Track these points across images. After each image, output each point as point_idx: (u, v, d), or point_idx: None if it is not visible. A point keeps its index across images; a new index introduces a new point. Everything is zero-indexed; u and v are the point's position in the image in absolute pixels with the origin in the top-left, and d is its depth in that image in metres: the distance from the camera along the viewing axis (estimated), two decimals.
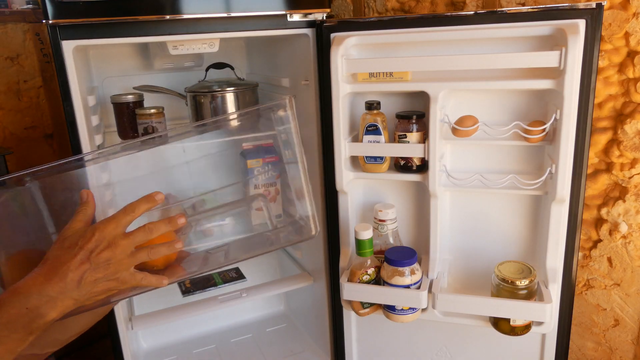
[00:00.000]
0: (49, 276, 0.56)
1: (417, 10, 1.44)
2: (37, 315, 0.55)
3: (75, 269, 0.57)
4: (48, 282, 0.56)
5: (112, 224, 0.61)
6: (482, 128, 1.09)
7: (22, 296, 0.55)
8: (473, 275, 1.25)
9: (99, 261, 0.59)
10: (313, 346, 1.63)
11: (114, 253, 0.60)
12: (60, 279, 0.56)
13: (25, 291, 0.55)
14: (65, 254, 0.58)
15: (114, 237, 0.61)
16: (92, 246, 0.59)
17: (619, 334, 1.32)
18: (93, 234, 0.60)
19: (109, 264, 0.60)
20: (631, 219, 1.22)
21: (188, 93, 1.41)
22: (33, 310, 0.55)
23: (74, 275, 0.57)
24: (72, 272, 0.57)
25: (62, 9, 1.02)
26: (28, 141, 1.73)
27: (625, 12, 1.12)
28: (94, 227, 0.61)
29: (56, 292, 0.56)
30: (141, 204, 0.64)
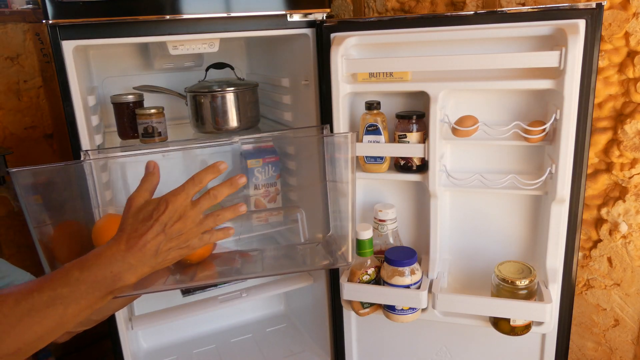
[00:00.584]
0: (129, 245, 0.62)
1: (417, 10, 1.44)
2: (119, 280, 0.61)
3: (152, 240, 0.63)
4: (129, 251, 0.62)
5: (182, 195, 0.66)
6: (482, 128, 1.09)
7: (108, 261, 0.61)
8: (473, 275, 1.25)
9: (172, 232, 0.64)
10: (313, 346, 1.63)
11: (185, 224, 0.65)
12: (139, 250, 0.62)
13: (110, 257, 0.61)
14: (142, 226, 0.63)
15: (184, 209, 0.65)
16: (166, 219, 0.64)
17: (619, 334, 1.32)
18: (166, 206, 0.65)
19: (181, 233, 0.65)
20: (631, 219, 1.22)
21: (188, 93, 1.41)
22: (116, 275, 0.61)
23: (151, 246, 0.63)
24: (150, 244, 0.63)
25: (62, 9, 1.02)
26: (28, 141, 1.73)
27: (625, 12, 1.12)
28: (166, 200, 0.65)
29: (136, 261, 0.62)
30: (207, 174, 0.68)
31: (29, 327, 0.56)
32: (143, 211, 0.65)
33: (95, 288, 0.61)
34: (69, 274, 0.60)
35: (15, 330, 0.55)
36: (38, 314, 0.57)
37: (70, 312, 0.59)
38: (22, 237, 1.78)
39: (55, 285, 0.58)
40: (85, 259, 0.62)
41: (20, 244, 1.78)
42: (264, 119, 1.58)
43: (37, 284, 0.59)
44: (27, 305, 0.56)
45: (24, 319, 0.56)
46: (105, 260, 0.61)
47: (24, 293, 0.57)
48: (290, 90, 1.44)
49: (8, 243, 1.76)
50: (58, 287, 0.58)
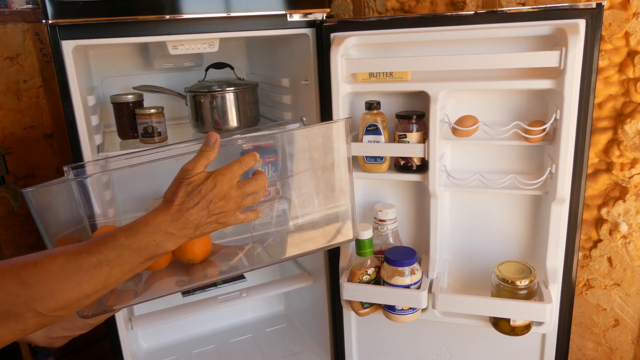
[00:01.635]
0: (175, 217, 0.67)
1: (417, 10, 1.44)
2: (160, 247, 0.67)
3: (196, 214, 0.68)
4: (173, 222, 0.67)
5: (228, 176, 0.72)
6: (482, 128, 1.09)
7: (152, 229, 0.66)
8: (473, 275, 1.25)
9: (215, 209, 0.70)
10: (313, 346, 1.63)
11: (227, 202, 0.71)
12: (184, 222, 0.68)
13: (155, 225, 0.66)
14: (189, 200, 0.69)
15: (229, 189, 0.71)
16: (212, 196, 0.70)
17: (619, 334, 1.32)
18: (214, 185, 0.70)
19: (222, 211, 0.71)
20: (631, 219, 1.22)
21: (188, 93, 1.41)
22: (158, 242, 0.66)
23: (194, 220, 0.68)
24: (193, 217, 0.68)
25: (62, 9, 1.02)
26: (28, 141, 1.73)
27: (625, 12, 1.12)
28: (215, 179, 0.71)
29: (177, 230, 0.67)
30: (251, 159, 0.77)
31: (78, 285, 0.61)
32: (192, 185, 0.70)
33: (138, 254, 0.65)
34: (115, 239, 0.64)
35: (65, 286, 0.60)
36: (86, 273, 0.61)
37: (114, 274, 0.63)
38: (22, 237, 1.78)
39: (103, 249, 0.63)
40: (133, 226, 0.66)
41: (20, 244, 1.78)
42: (263, 119, 1.58)
43: (86, 246, 0.63)
44: (77, 265, 0.61)
45: (73, 277, 0.60)
46: (150, 229, 0.66)
47: (74, 253, 0.62)
48: (290, 90, 1.44)
49: (8, 243, 1.76)
50: (105, 251, 0.63)
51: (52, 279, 0.59)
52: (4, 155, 1.53)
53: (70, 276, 0.60)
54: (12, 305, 0.58)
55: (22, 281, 0.58)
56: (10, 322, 0.58)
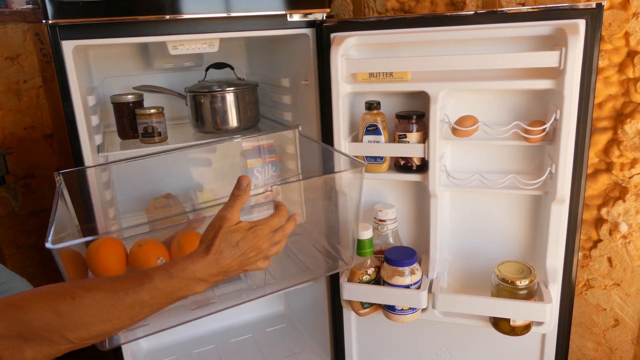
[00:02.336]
0: (211, 265, 0.71)
1: (417, 10, 1.44)
2: (190, 291, 0.70)
3: (229, 263, 0.73)
4: (209, 269, 0.71)
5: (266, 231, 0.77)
6: (482, 128, 1.09)
7: (188, 275, 0.70)
8: (473, 275, 1.25)
9: (246, 260, 0.75)
10: (313, 346, 1.63)
11: (258, 254, 0.76)
12: (217, 270, 0.72)
13: (191, 271, 0.70)
14: (228, 251, 0.73)
15: (263, 242, 0.76)
16: (247, 249, 0.75)
17: (619, 334, 1.32)
18: (253, 239, 0.75)
19: (250, 261, 0.76)
20: (631, 219, 1.22)
21: (188, 93, 1.41)
22: (189, 287, 0.70)
23: (227, 268, 0.73)
24: (227, 266, 0.73)
25: (62, 9, 1.02)
26: (28, 141, 1.73)
27: (625, 12, 1.12)
28: (255, 233, 0.76)
29: (209, 277, 0.71)
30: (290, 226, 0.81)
31: (110, 321, 0.65)
32: (233, 235, 0.74)
33: (169, 297, 0.69)
34: (152, 281, 0.68)
35: (98, 320, 0.64)
36: (120, 312, 0.65)
37: (144, 312, 0.67)
38: (22, 237, 1.78)
39: (139, 290, 0.67)
40: (169, 269, 0.70)
41: (20, 244, 1.78)
42: (263, 119, 1.58)
43: (123, 284, 0.67)
44: (112, 303, 0.65)
45: (107, 314, 0.64)
46: (186, 274, 0.70)
47: (111, 291, 0.66)
48: (290, 90, 1.44)
49: (8, 243, 1.76)
50: (140, 292, 0.67)
51: (88, 314, 0.63)
52: (4, 155, 1.53)
53: (105, 313, 0.64)
54: (46, 332, 0.61)
55: (59, 312, 0.62)
56: (44, 346, 0.61)
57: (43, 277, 1.84)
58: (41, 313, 0.61)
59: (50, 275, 1.84)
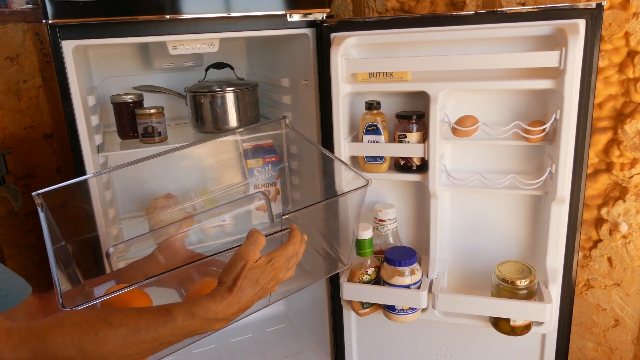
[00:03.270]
0: (232, 304, 0.71)
1: (417, 10, 1.44)
2: (209, 328, 0.71)
3: (249, 298, 0.73)
4: (230, 309, 0.71)
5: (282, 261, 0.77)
6: (482, 128, 1.09)
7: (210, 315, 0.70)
8: (473, 275, 1.25)
9: (265, 293, 0.76)
10: (313, 346, 1.63)
11: (275, 284, 0.77)
12: (238, 308, 0.72)
13: (214, 312, 0.70)
14: (248, 288, 0.73)
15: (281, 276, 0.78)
16: (267, 284, 0.75)
17: (619, 334, 1.32)
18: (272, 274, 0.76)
19: (267, 292, 0.77)
20: (631, 219, 1.22)
21: (188, 93, 1.41)
22: (210, 326, 0.71)
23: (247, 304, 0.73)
24: (247, 302, 0.73)
25: (62, 9, 1.02)
26: (28, 141, 1.73)
27: (625, 12, 1.12)
28: (273, 266, 0.76)
29: (230, 316, 0.72)
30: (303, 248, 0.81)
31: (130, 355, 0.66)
32: (253, 272, 0.74)
33: (189, 334, 0.70)
34: (174, 320, 0.68)
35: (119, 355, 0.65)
36: (139, 347, 0.66)
37: (162, 347, 0.69)
38: (22, 237, 1.78)
39: (160, 328, 0.67)
40: (192, 309, 0.70)
41: (20, 244, 1.78)
42: (263, 119, 1.58)
43: (145, 322, 0.67)
44: (134, 340, 0.66)
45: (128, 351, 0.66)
46: (209, 315, 0.70)
47: (134, 329, 0.67)
48: (290, 90, 1.44)
49: (8, 243, 1.76)
50: (161, 330, 0.67)
51: (109, 351, 0.65)
52: (4, 155, 1.53)
53: (125, 349, 0.66)
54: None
55: (81, 348, 0.64)
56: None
57: (43, 277, 1.84)
58: (64, 348, 0.63)
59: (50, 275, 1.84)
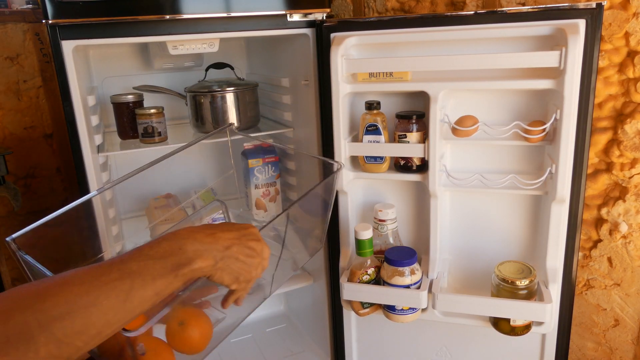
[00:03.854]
0: (205, 234, 0.65)
1: (417, 10, 1.44)
2: (186, 259, 0.61)
3: (226, 239, 0.67)
4: (203, 237, 0.64)
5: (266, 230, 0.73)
6: (482, 128, 1.09)
7: (179, 237, 0.62)
8: (473, 275, 1.25)
9: (246, 245, 0.69)
10: (313, 346, 1.63)
11: (260, 247, 0.70)
12: (213, 239, 0.65)
13: (183, 235, 0.63)
14: (225, 228, 0.68)
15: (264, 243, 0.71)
16: (247, 232, 0.70)
17: (619, 334, 1.32)
18: (251, 226, 0.72)
19: (252, 254, 0.69)
20: (631, 219, 1.22)
21: (188, 93, 1.41)
22: (184, 252, 0.61)
23: (223, 242, 0.66)
24: (223, 240, 0.66)
25: (62, 9, 1.02)
26: (28, 141, 1.73)
27: (625, 12, 1.12)
28: (254, 228, 0.72)
29: (205, 246, 0.63)
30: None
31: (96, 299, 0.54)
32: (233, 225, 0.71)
33: (162, 264, 0.59)
34: (139, 251, 0.60)
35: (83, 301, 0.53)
36: (107, 286, 0.55)
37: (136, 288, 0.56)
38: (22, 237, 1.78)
39: (126, 261, 0.58)
40: (157, 238, 0.63)
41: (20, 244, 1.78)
42: (263, 119, 1.58)
43: (109, 262, 0.58)
44: (97, 278, 0.55)
45: (92, 292, 0.54)
46: (177, 236, 0.63)
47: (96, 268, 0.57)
48: (290, 90, 1.44)
49: None
50: (127, 262, 0.58)
51: (71, 292, 0.53)
52: (4, 155, 1.53)
53: (89, 290, 0.54)
54: (25, 325, 0.50)
55: (38, 294, 0.52)
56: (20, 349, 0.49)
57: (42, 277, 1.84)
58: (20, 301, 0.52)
59: None
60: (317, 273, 1.51)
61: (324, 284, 1.46)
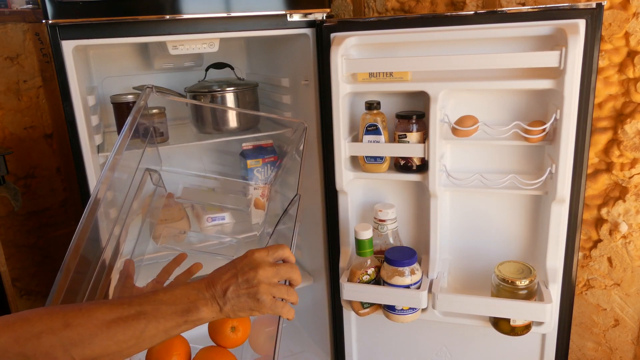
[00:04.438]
0: (207, 283, 0.70)
1: (417, 10, 1.44)
2: (194, 307, 0.68)
3: (224, 281, 0.70)
4: (205, 286, 0.70)
5: (263, 252, 0.74)
6: (482, 128, 1.09)
7: (188, 290, 0.69)
8: (473, 275, 1.25)
9: (243, 278, 0.71)
10: (313, 346, 1.63)
11: (256, 274, 0.71)
12: (213, 286, 0.70)
13: (191, 288, 0.69)
14: (225, 270, 0.72)
15: (262, 262, 0.72)
16: (242, 265, 0.72)
17: (619, 334, 1.32)
18: (246, 257, 0.73)
19: (252, 283, 0.71)
20: (631, 219, 1.22)
21: (188, 93, 1.41)
22: (191, 302, 0.68)
23: (221, 286, 0.70)
24: (221, 284, 0.70)
25: (62, 9, 1.02)
26: (28, 141, 1.73)
27: (625, 12, 1.12)
28: (247, 252, 0.74)
29: (208, 296, 0.69)
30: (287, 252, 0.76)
31: (115, 334, 0.63)
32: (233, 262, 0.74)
33: (173, 308, 0.67)
34: (154, 295, 0.68)
35: (104, 334, 0.62)
36: (124, 322, 0.63)
37: (149, 328, 0.65)
38: (22, 237, 1.78)
39: (142, 302, 0.66)
40: (171, 285, 0.72)
41: (20, 244, 1.78)
42: (263, 119, 1.58)
43: (128, 299, 0.67)
44: (117, 314, 0.64)
45: (112, 325, 0.63)
46: (186, 289, 0.69)
47: (117, 304, 0.65)
48: (290, 90, 1.44)
49: (8, 243, 1.76)
50: (144, 304, 0.66)
51: (94, 325, 0.62)
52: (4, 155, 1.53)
53: (110, 324, 0.63)
54: (51, 347, 0.60)
55: (67, 322, 0.61)
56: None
57: (42, 277, 1.84)
58: (50, 324, 0.61)
59: (50, 275, 1.84)
60: (317, 273, 1.51)
61: (324, 284, 1.46)
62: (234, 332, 0.84)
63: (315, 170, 1.37)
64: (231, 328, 0.84)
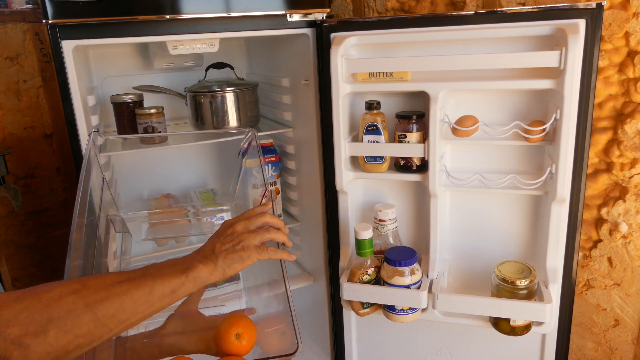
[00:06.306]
0: (196, 251, 0.79)
1: (417, 10, 1.44)
2: (191, 265, 0.75)
3: (209, 244, 0.80)
4: (195, 253, 0.79)
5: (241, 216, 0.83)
6: (482, 128, 1.09)
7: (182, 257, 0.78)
8: (473, 275, 1.25)
9: (224, 235, 0.80)
10: (313, 346, 1.63)
11: (234, 229, 0.80)
12: (202, 250, 0.79)
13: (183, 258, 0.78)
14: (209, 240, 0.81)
15: (236, 220, 0.82)
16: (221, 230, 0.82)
17: (619, 334, 1.32)
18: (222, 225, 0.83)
19: (233, 237, 0.79)
20: (631, 219, 1.22)
21: (188, 93, 1.41)
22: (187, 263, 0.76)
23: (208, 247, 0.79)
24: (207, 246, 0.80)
25: (62, 9, 1.02)
26: (28, 141, 1.73)
27: (625, 12, 1.12)
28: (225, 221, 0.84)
29: (200, 257, 0.77)
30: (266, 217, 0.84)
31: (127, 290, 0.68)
32: None
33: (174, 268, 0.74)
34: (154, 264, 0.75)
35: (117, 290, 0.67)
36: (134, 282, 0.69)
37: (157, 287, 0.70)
38: (22, 237, 1.78)
39: (145, 268, 0.73)
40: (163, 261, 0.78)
41: (20, 244, 1.78)
42: (263, 119, 1.58)
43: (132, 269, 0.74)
44: (125, 277, 0.69)
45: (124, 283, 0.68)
46: (181, 257, 0.78)
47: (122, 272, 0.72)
48: (290, 90, 1.44)
49: (8, 243, 1.76)
50: (147, 269, 0.73)
51: (108, 284, 0.67)
52: (4, 155, 1.53)
53: (122, 282, 0.68)
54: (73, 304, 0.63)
55: (84, 284, 0.66)
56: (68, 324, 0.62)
57: (42, 277, 1.84)
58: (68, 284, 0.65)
59: (50, 275, 1.84)
60: (317, 273, 1.51)
61: (324, 284, 1.46)
62: (239, 340, 0.87)
63: (315, 170, 1.37)
64: (236, 335, 0.87)
